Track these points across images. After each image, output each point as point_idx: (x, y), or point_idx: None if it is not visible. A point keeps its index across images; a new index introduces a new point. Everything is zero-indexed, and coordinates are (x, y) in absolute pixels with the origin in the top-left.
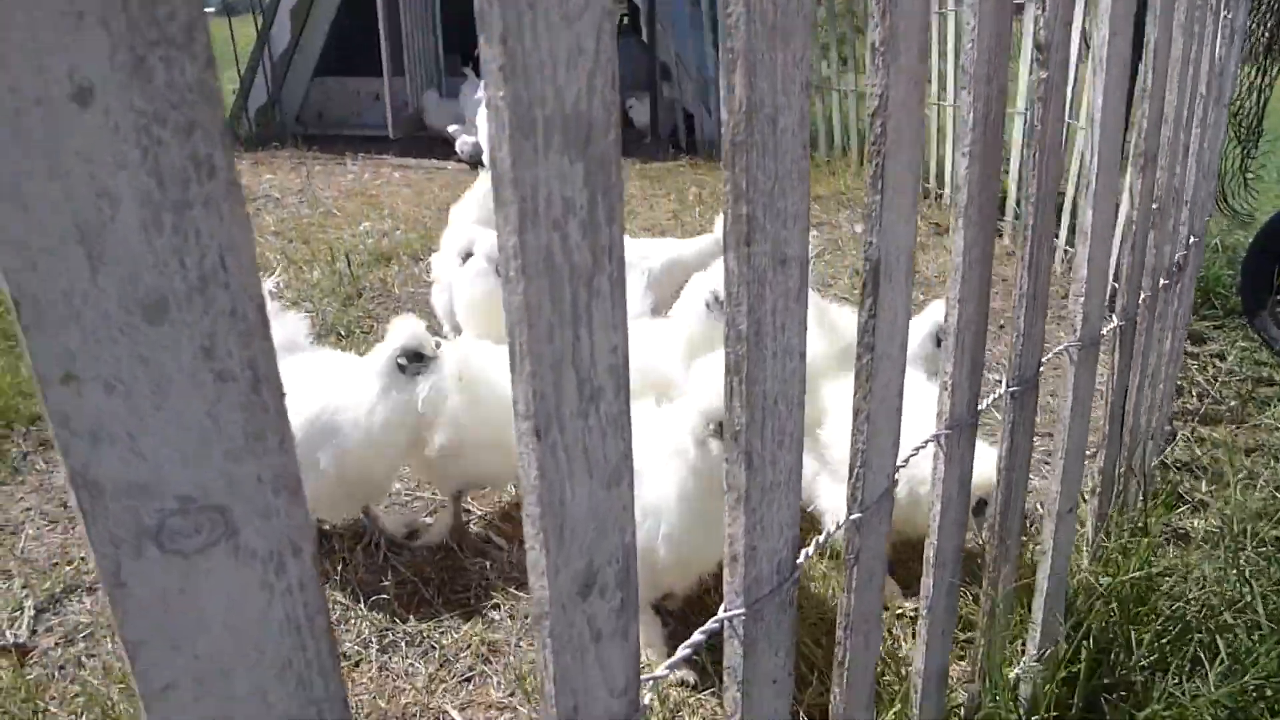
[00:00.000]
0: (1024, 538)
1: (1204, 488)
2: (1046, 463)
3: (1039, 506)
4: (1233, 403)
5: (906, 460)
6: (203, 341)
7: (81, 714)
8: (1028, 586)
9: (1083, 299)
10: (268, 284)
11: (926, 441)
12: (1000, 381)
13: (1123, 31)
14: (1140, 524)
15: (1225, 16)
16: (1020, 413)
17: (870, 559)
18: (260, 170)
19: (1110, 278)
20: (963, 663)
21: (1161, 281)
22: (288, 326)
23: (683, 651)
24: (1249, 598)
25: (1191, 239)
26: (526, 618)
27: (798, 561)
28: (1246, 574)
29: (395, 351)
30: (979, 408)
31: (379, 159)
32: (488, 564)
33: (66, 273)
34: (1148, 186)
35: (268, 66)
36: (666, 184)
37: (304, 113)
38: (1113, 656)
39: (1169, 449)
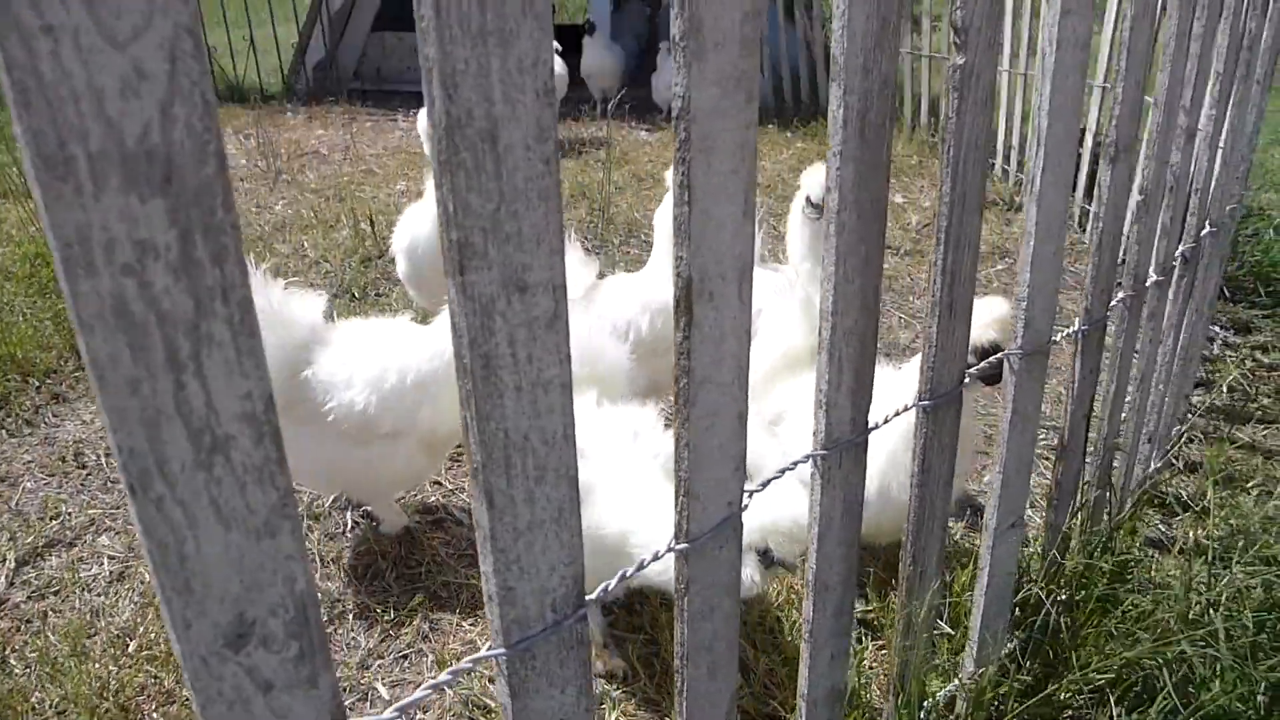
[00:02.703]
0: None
1: (1208, 496)
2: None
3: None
4: (1266, 400)
5: (765, 484)
6: None
7: (33, 669)
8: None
9: (1024, 304)
10: (257, 272)
11: (796, 463)
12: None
13: (1078, 10)
14: (1106, 539)
15: None
16: (935, 428)
17: (706, 589)
18: (313, 126)
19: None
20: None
21: (1154, 278)
22: (307, 311)
23: (420, 693)
24: (1216, 622)
25: (1207, 229)
26: (474, 596)
27: (587, 598)
28: (1222, 596)
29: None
30: (869, 425)
31: None
32: (444, 539)
33: None
34: (1119, 179)
35: (325, 21)
36: None
37: (362, 68)
38: (1057, 680)
39: (1172, 451)
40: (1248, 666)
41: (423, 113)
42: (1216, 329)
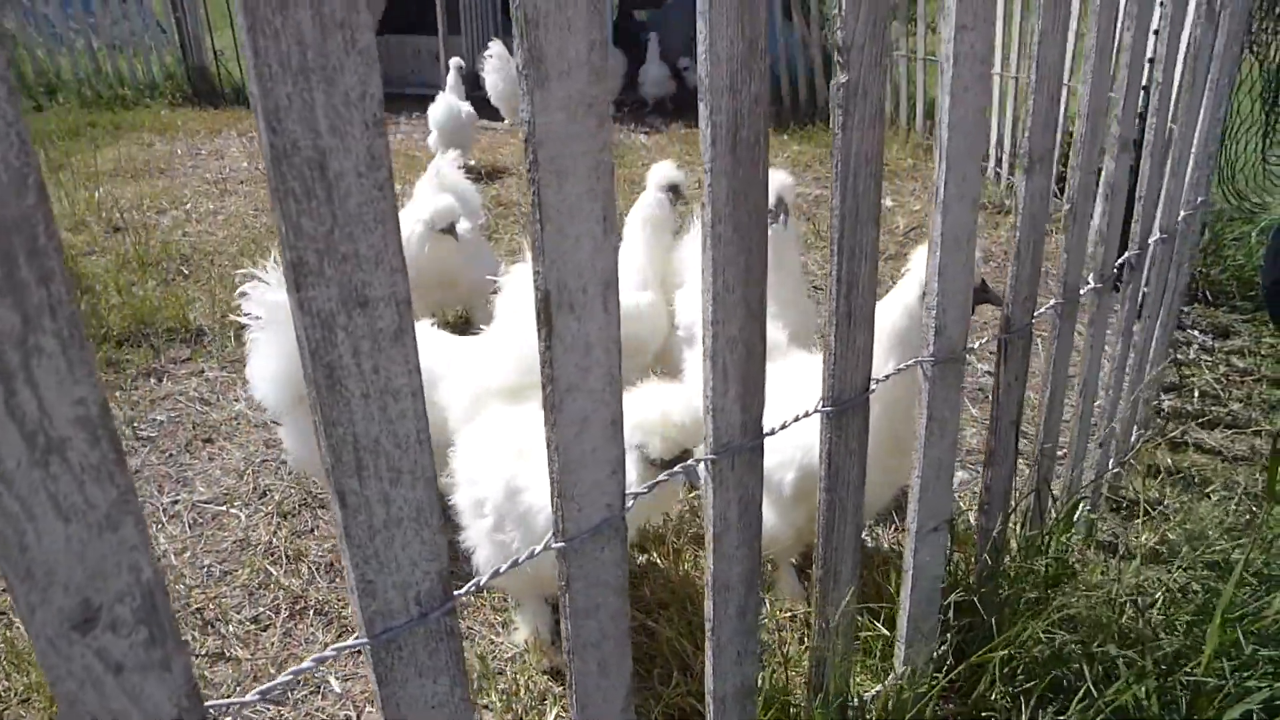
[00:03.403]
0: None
1: (1166, 502)
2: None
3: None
4: (1236, 405)
5: (651, 488)
6: None
7: (1, 659)
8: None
9: (934, 312)
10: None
11: (688, 465)
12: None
13: (976, 26)
14: (1044, 543)
15: None
16: (839, 434)
17: (590, 588)
18: None
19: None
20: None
21: (1090, 285)
22: None
23: (282, 678)
24: (1144, 628)
25: (1157, 236)
26: None
27: (454, 593)
28: (1158, 600)
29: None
30: (764, 430)
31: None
32: None
33: None
34: (1035, 189)
35: None
36: None
37: None
38: (987, 679)
39: (1131, 455)
40: (1173, 673)
41: (432, 105)
42: (1195, 333)
